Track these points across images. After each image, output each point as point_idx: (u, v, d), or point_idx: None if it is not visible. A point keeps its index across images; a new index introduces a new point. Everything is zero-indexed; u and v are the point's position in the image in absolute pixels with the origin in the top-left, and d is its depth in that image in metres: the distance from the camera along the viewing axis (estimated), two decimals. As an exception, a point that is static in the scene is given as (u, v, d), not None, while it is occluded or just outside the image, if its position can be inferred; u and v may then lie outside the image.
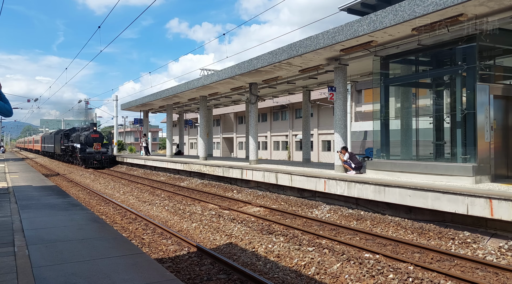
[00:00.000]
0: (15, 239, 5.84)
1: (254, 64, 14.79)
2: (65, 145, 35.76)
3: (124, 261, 4.82)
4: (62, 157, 38.47)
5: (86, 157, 30.16)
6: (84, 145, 30.93)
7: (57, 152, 40.12)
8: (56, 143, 40.61)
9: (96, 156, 30.36)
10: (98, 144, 31.27)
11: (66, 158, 36.58)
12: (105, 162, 30.98)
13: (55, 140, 41.41)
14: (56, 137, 41.18)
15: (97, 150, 30.91)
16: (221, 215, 10.49)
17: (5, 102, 5.04)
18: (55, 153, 42.29)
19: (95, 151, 30.76)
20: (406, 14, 9.09)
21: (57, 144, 39.98)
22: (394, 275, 5.82)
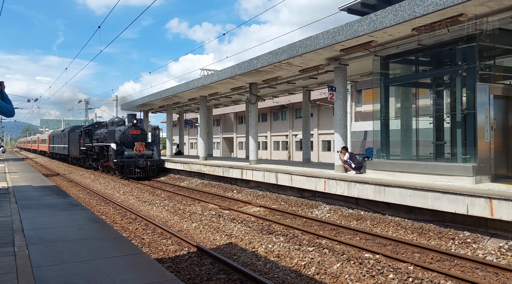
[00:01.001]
0: (15, 239, 5.84)
1: (254, 64, 14.79)
2: (87, 145, 27.24)
3: (124, 261, 4.82)
4: (82, 161, 29.52)
5: (124, 163, 20.81)
6: (120, 146, 21.58)
7: (73, 154, 31.82)
8: (72, 143, 32.30)
9: (139, 162, 20.98)
10: (141, 143, 21.86)
11: (88, 163, 27.86)
12: (151, 170, 21.56)
13: (70, 139, 32.95)
14: (71, 135, 32.46)
15: (140, 153, 21.61)
16: (221, 215, 10.49)
17: (7, 102, 5.05)
18: (70, 156, 33.32)
19: (136, 154, 21.46)
20: (406, 14, 9.09)
21: (73, 144, 31.67)
22: (394, 275, 5.81)
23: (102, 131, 25.09)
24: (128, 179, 20.81)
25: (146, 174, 21.32)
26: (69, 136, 33.23)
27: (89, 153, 27.56)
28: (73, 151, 31.73)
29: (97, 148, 25.26)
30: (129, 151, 21.67)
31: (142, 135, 22.60)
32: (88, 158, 27.89)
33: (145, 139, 22.78)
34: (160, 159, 22.82)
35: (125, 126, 22.85)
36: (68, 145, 33.57)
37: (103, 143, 24.08)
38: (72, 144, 32.04)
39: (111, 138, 22.17)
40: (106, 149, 23.35)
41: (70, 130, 34.39)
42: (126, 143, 21.96)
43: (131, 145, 21.91)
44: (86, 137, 27.59)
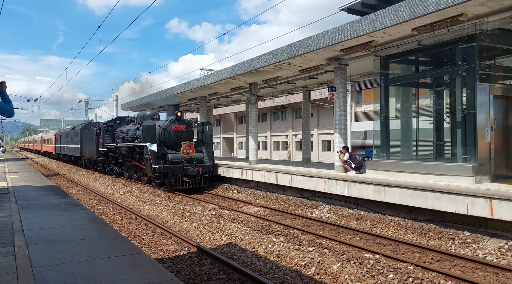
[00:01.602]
0: (15, 239, 5.84)
1: (254, 64, 14.79)
2: (108, 145, 21.73)
3: (124, 261, 4.82)
4: (100, 165, 24.12)
5: (169, 170, 15.30)
6: (160, 146, 16.11)
7: (88, 156, 26.30)
8: (86, 143, 26.81)
9: (189, 168, 15.47)
10: (190, 143, 16.29)
11: (109, 167, 22.39)
12: (202, 178, 16.02)
13: (83, 138, 27.53)
14: (85, 134, 27.11)
15: (189, 156, 15.99)
16: (221, 215, 10.49)
17: (7, 102, 5.04)
18: (84, 158, 27.95)
19: (183, 157, 15.87)
20: (406, 14, 9.09)
21: (88, 144, 26.24)
22: (394, 275, 5.81)
23: (130, 128, 19.82)
24: (172, 192, 15.31)
25: (197, 184, 15.69)
26: (83, 135, 27.73)
27: (110, 155, 21.93)
28: (88, 152, 26.03)
29: (123, 149, 19.17)
30: (174, 153, 15.88)
31: (188, 133, 16.71)
32: (109, 161, 22.33)
33: (192, 138, 17.05)
34: (213, 163, 16.69)
35: (165, 120, 16.93)
36: (81, 145, 28.11)
37: (133, 143, 18.33)
38: (87, 144, 26.50)
39: (149, 136, 16.32)
40: (138, 151, 17.41)
41: (83, 127, 28.66)
42: (167, 142, 16.31)
43: (173, 145, 16.26)
44: (106, 136, 22.20)
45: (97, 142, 23.63)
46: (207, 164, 16.29)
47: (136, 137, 18.47)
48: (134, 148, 18.15)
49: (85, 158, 27.98)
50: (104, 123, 23.52)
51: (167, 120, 16.83)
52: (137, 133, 18.46)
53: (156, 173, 15.56)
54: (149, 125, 16.81)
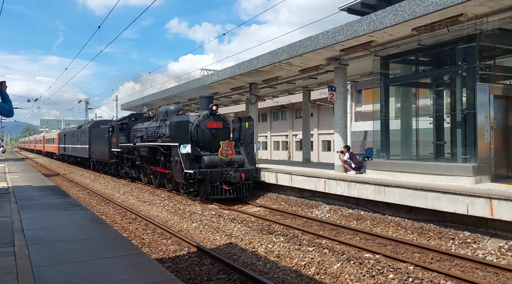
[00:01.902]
0: (15, 239, 5.85)
1: (254, 64, 14.80)
2: (123, 145, 19.22)
3: (124, 261, 4.82)
4: (113, 168, 21.34)
5: (206, 176, 12.50)
6: (193, 147, 13.18)
7: (98, 157, 23.40)
8: (95, 143, 23.92)
9: (229, 174, 12.66)
10: (229, 143, 13.54)
11: (124, 170, 19.76)
12: (244, 186, 13.12)
13: (92, 138, 24.73)
14: (95, 133, 24.20)
15: (228, 159, 13.31)
16: (221, 215, 10.49)
17: (7, 102, 5.04)
18: (93, 159, 25.01)
19: (222, 160, 13.13)
20: (406, 14, 9.09)
21: (97, 144, 23.32)
22: (394, 275, 5.81)
23: (149, 126, 17.11)
24: (210, 201, 12.72)
25: (238, 193, 12.75)
26: (91, 134, 25.02)
27: (125, 157, 19.38)
28: (98, 153, 23.11)
29: (143, 150, 16.49)
30: (210, 155, 13.14)
31: (225, 131, 13.91)
32: (124, 164, 19.73)
33: (229, 137, 14.21)
34: (257, 167, 13.67)
35: (197, 116, 14.02)
36: (90, 145, 25.32)
37: (156, 142, 15.55)
38: (97, 144, 23.57)
39: (179, 134, 13.36)
40: (163, 152, 14.67)
41: (92, 126, 26.12)
42: (201, 142, 13.45)
43: (207, 146, 13.52)
44: (120, 135, 19.61)
45: (109, 141, 20.80)
46: (250, 168, 13.33)
47: (159, 136, 15.70)
48: (158, 148, 15.27)
49: (94, 159, 24.99)
50: (119, 120, 20.35)
51: (199, 115, 13.90)
52: (159, 132, 15.83)
53: (191, 179, 12.72)
54: (180, 121, 13.60)
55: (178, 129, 13.60)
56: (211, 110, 13.75)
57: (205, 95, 14.93)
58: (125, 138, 19.57)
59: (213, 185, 12.51)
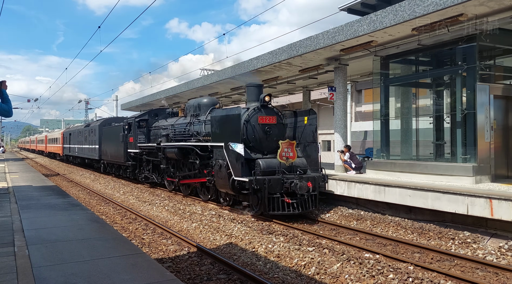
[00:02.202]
0: (15, 239, 5.85)
1: (254, 64, 14.80)
2: (143, 145, 16.66)
3: (124, 261, 4.82)
4: (129, 171, 18.50)
5: (264, 185, 9.47)
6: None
7: (110, 159, 20.69)
8: (107, 143, 21.26)
9: (294, 183, 9.62)
10: (291, 143, 10.39)
11: (144, 174, 17.00)
12: (311, 199, 10.00)
13: (103, 137, 22.05)
14: (106, 132, 21.56)
15: (289, 162, 10.25)
16: (221, 215, 10.48)
17: (6, 102, 5.03)
18: (104, 161, 22.32)
19: (281, 165, 10.10)
20: (406, 14, 9.09)
21: (109, 144, 20.75)
22: (394, 275, 5.81)
23: (177, 123, 14.59)
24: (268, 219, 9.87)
25: (304, 207, 9.81)
26: (102, 133, 22.36)
27: (146, 159, 16.66)
28: (111, 154, 20.41)
29: (172, 152, 13.70)
30: (265, 159, 10.35)
31: (279, 127, 10.92)
32: (143, 167, 17.03)
33: (285, 135, 11.07)
34: (324, 174, 10.56)
35: (245, 110, 10.83)
36: (100, 145, 22.55)
37: (188, 142, 12.96)
38: (108, 144, 20.99)
39: (225, 132, 10.50)
40: (201, 154, 11.94)
41: (102, 124, 23.39)
42: (251, 141, 10.54)
43: (258, 146, 10.57)
44: (139, 134, 16.95)
45: (125, 141, 18.12)
46: (315, 175, 10.15)
47: (191, 135, 13.14)
48: (191, 150, 12.66)
49: (105, 161, 22.29)
50: (138, 117, 17.48)
51: (247, 109, 10.78)
52: (192, 129, 13.18)
53: (243, 189, 9.84)
54: (228, 115, 10.59)
55: (223, 125, 10.69)
56: (263, 101, 10.65)
57: (254, 83, 11.65)
58: (145, 137, 16.85)
59: (272, 197, 9.53)
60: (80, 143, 28.28)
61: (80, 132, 28.60)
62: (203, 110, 13.25)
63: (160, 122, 16.44)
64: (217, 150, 10.89)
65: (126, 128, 18.18)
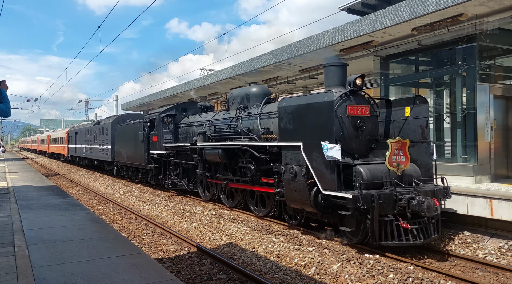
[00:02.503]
0: (15, 239, 5.85)
1: (254, 64, 14.81)
2: (172, 146, 14.14)
3: (124, 261, 4.82)
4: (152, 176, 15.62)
5: (371, 202, 6.37)
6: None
7: (128, 161, 17.83)
8: (122, 143, 18.67)
9: (420, 201, 6.46)
10: (403, 143, 7.16)
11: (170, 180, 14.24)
12: (432, 223, 6.80)
13: (117, 136, 19.48)
14: (122, 130, 18.92)
15: (399, 168, 7.06)
16: (221, 215, 10.48)
17: (4, 102, 5.02)
18: (117, 164, 19.84)
19: (389, 173, 7.04)
20: (406, 14, 9.10)
21: (125, 144, 18.18)
22: (394, 275, 5.81)
23: (216, 118, 11.96)
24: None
25: (426, 235, 6.83)
26: (115, 132, 19.89)
27: (174, 162, 14.03)
28: (127, 155, 17.65)
29: (214, 154, 11.08)
30: (364, 164, 7.35)
31: (373, 121, 8.05)
32: (170, 172, 14.32)
33: (378, 131, 8.24)
34: (447, 186, 7.57)
35: (320, 95, 7.64)
36: (113, 145, 20.07)
37: (237, 141, 10.44)
38: (124, 144, 18.28)
39: (307, 127, 7.66)
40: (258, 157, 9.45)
41: (116, 121, 20.84)
42: (339, 139, 7.27)
43: (347, 146, 7.56)
44: (164, 132, 14.26)
45: (146, 140, 15.42)
46: (435, 189, 7.26)
47: (240, 133, 10.47)
48: (242, 151, 10.14)
49: (119, 163, 19.53)
50: (163, 112, 14.54)
51: (334, 95, 7.34)
52: (240, 126, 10.52)
53: (332, 207, 7.35)
54: (316, 103, 7.50)
55: (301, 118, 7.75)
56: (353, 85, 7.64)
57: (335, 62, 8.60)
58: (171, 136, 14.26)
59: (383, 220, 6.67)
60: (88, 142, 25.65)
61: (88, 131, 25.84)
62: (253, 101, 10.56)
63: (191, 118, 13.77)
64: (288, 152, 8.04)
65: (148, 125, 15.45)
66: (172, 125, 14.37)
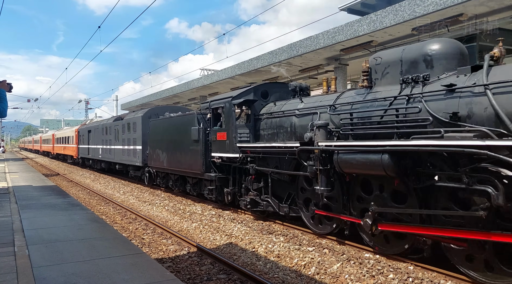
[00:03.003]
0: (15, 239, 5.85)
1: (254, 64, 14.81)
2: (257, 147, 9.27)
3: (124, 261, 4.82)
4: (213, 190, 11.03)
5: None
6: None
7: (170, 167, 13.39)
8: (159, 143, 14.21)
9: None
10: None
11: (250, 198, 9.54)
12: None
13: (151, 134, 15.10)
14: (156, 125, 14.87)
15: None
16: (221, 215, 10.48)
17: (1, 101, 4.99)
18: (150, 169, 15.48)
19: None
20: (406, 14, 9.11)
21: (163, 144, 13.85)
22: (394, 275, 5.81)
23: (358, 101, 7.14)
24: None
25: None
26: (147, 129, 15.55)
27: (257, 171, 9.44)
28: (170, 160, 13.34)
29: (363, 162, 6.26)
30: None
31: None
32: (248, 184, 9.83)
33: None
34: None
35: None
36: (144, 145, 15.79)
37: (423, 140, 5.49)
38: (162, 145, 13.91)
39: None
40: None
41: (147, 114, 16.38)
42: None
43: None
44: (239, 127, 9.92)
45: (203, 139, 11.14)
46: None
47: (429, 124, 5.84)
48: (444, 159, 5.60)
49: (153, 169, 15.07)
50: (233, 98, 10.03)
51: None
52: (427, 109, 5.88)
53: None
54: None
55: None
56: None
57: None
58: (249, 132, 9.81)
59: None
60: (106, 142, 21.45)
61: (106, 129, 21.55)
62: (439, 66, 6.27)
63: (281, 106, 9.29)
64: None
65: (207, 118, 11.05)
66: (251, 117, 9.83)
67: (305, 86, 9.92)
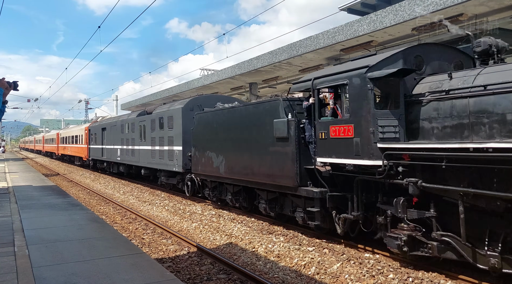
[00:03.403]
0: (15, 239, 5.85)
1: (254, 64, 14.82)
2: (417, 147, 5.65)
3: (124, 261, 4.82)
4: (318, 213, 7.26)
5: None
6: None
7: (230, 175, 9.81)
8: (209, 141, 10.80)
9: None
10: None
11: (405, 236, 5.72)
12: None
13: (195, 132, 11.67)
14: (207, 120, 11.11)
15: None
16: (221, 215, 10.48)
17: None
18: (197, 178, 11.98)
19: None
20: (406, 14, 9.11)
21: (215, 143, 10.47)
22: (394, 275, 5.81)
23: None
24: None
25: None
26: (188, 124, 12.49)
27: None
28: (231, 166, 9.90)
29: None
30: None
31: None
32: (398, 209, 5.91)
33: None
34: None
35: None
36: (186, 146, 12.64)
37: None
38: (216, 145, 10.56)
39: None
40: None
41: (188, 106, 12.99)
42: None
43: None
44: (379, 115, 6.08)
45: (297, 137, 7.76)
46: None
47: None
48: None
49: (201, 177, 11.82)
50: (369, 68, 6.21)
51: None
52: None
53: None
54: None
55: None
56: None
57: None
58: (397, 124, 6.16)
59: None
60: (127, 142, 17.97)
61: (127, 126, 18.05)
62: None
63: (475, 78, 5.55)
64: None
65: (313, 103, 7.36)
66: (401, 100, 6.27)
67: (502, 46, 6.09)
